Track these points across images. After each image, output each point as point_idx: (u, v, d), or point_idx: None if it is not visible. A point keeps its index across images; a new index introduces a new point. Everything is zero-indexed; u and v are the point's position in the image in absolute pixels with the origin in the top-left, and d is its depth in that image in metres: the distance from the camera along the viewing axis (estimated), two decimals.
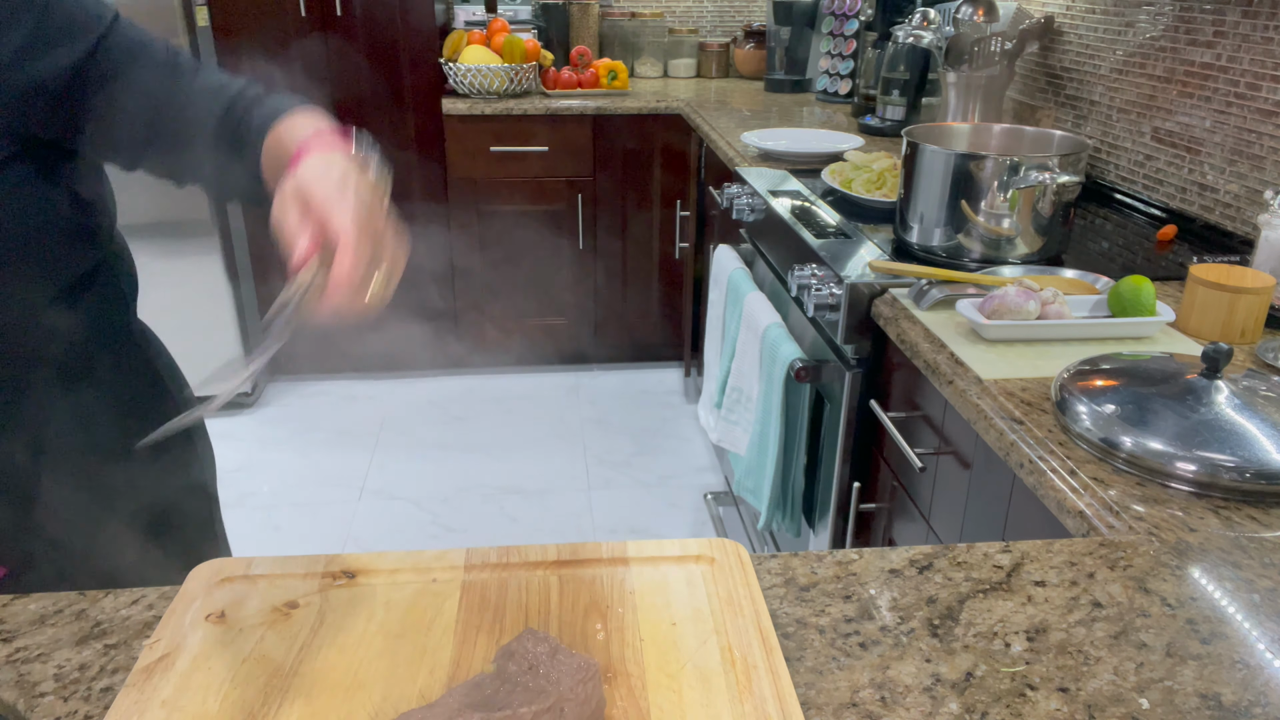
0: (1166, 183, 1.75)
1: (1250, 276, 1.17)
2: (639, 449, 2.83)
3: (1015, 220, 1.39)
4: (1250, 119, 1.54)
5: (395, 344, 3.17)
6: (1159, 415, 0.88)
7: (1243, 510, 0.82)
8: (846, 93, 2.94)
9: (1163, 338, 1.18)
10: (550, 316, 3.18)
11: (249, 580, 0.69)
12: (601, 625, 0.65)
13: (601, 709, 0.57)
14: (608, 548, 0.72)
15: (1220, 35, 1.60)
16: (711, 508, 2.42)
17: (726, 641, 0.63)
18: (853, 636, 0.65)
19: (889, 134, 2.45)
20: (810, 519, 1.67)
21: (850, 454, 1.48)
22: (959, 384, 1.06)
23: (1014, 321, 1.15)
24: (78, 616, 0.67)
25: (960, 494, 1.15)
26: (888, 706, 0.59)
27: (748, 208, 1.96)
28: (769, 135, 2.29)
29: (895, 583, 0.71)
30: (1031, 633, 0.66)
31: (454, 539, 2.41)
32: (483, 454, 2.79)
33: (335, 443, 2.84)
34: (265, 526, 2.45)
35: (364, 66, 2.80)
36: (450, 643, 0.63)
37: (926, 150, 1.44)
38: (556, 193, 3.00)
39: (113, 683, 0.61)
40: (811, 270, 1.47)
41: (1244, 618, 0.68)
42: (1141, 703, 0.60)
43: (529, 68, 2.90)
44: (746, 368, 1.79)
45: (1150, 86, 1.79)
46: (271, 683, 0.60)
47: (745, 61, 3.41)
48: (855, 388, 1.43)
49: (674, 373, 3.31)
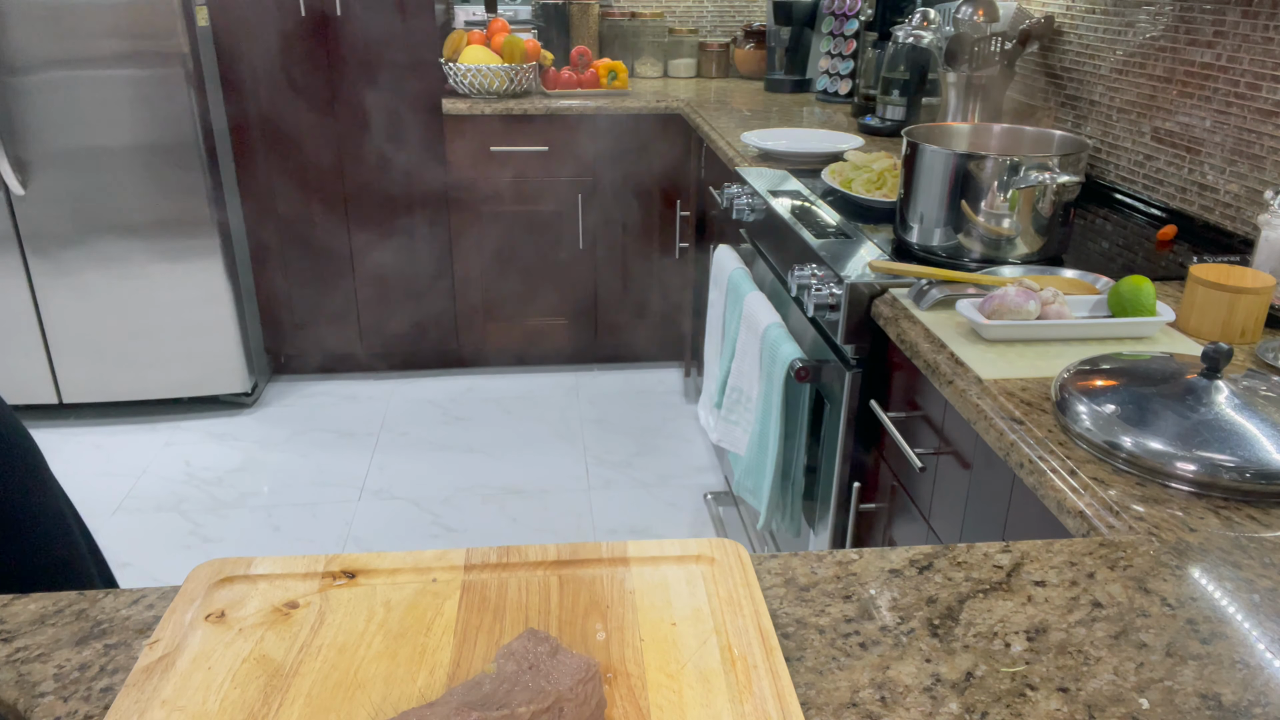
0: (1166, 183, 1.75)
1: (1250, 276, 1.17)
2: (639, 449, 2.83)
3: (1015, 220, 1.39)
4: (1250, 119, 1.54)
5: (395, 344, 3.17)
6: (1159, 415, 0.88)
7: (1243, 510, 0.82)
8: (846, 93, 2.94)
9: (1163, 338, 1.18)
10: (550, 316, 3.18)
11: (249, 580, 0.69)
12: (601, 625, 0.65)
13: (601, 709, 0.57)
14: (608, 548, 0.72)
15: (1220, 35, 1.60)
16: (711, 508, 2.42)
17: (726, 641, 0.63)
18: (853, 636, 0.65)
19: (889, 134, 2.46)
20: (810, 519, 1.67)
21: (850, 454, 1.48)
22: (959, 384, 1.06)
23: (1014, 321, 1.15)
24: (78, 616, 0.67)
25: (960, 494, 1.15)
26: (888, 706, 0.59)
27: (748, 208, 1.96)
28: (769, 135, 2.29)
29: (895, 583, 0.71)
30: (1031, 633, 0.66)
31: (454, 539, 2.41)
32: (483, 454, 2.79)
33: (335, 443, 2.84)
34: (265, 526, 2.45)
35: (364, 66, 2.80)
36: (450, 643, 0.63)
37: (926, 150, 1.44)
38: (556, 193, 3.00)
39: (113, 683, 0.61)
40: (811, 270, 1.47)
41: (1244, 618, 0.68)
42: (1141, 703, 0.60)
43: (529, 68, 2.90)
44: (746, 368, 1.79)
45: (1150, 86, 1.79)
46: (271, 683, 0.60)
47: (745, 61, 3.41)
48: (855, 388, 1.43)
49: (674, 373, 3.31)
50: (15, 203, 2.63)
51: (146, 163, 2.64)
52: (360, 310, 3.09)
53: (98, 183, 2.64)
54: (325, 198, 2.94)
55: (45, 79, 2.51)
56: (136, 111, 2.58)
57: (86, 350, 2.82)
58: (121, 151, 2.62)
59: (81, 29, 2.49)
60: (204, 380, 2.91)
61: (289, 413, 3.01)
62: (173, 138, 2.62)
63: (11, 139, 2.55)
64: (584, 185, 3.00)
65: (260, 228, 2.94)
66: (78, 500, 2.64)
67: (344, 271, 3.03)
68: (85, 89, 2.54)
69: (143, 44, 2.53)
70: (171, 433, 2.88)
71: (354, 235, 2.99)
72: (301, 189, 2.91)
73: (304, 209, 2.94)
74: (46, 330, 2.77)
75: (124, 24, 2.50)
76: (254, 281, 3.01)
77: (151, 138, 2.62)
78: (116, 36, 2.51)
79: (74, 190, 2.64)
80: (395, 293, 3.08)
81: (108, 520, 2.46)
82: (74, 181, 2.63)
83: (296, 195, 2.92)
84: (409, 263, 3.05)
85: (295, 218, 2.95)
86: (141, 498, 2.56)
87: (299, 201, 2.93)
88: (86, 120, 2.57)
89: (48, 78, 2.52)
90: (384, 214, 2.98)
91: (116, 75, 2.54)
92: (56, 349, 2.80)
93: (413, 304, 3.11)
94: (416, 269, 3.06)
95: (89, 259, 2.71)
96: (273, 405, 3.05)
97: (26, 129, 2.55)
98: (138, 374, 2.86)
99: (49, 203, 2.64)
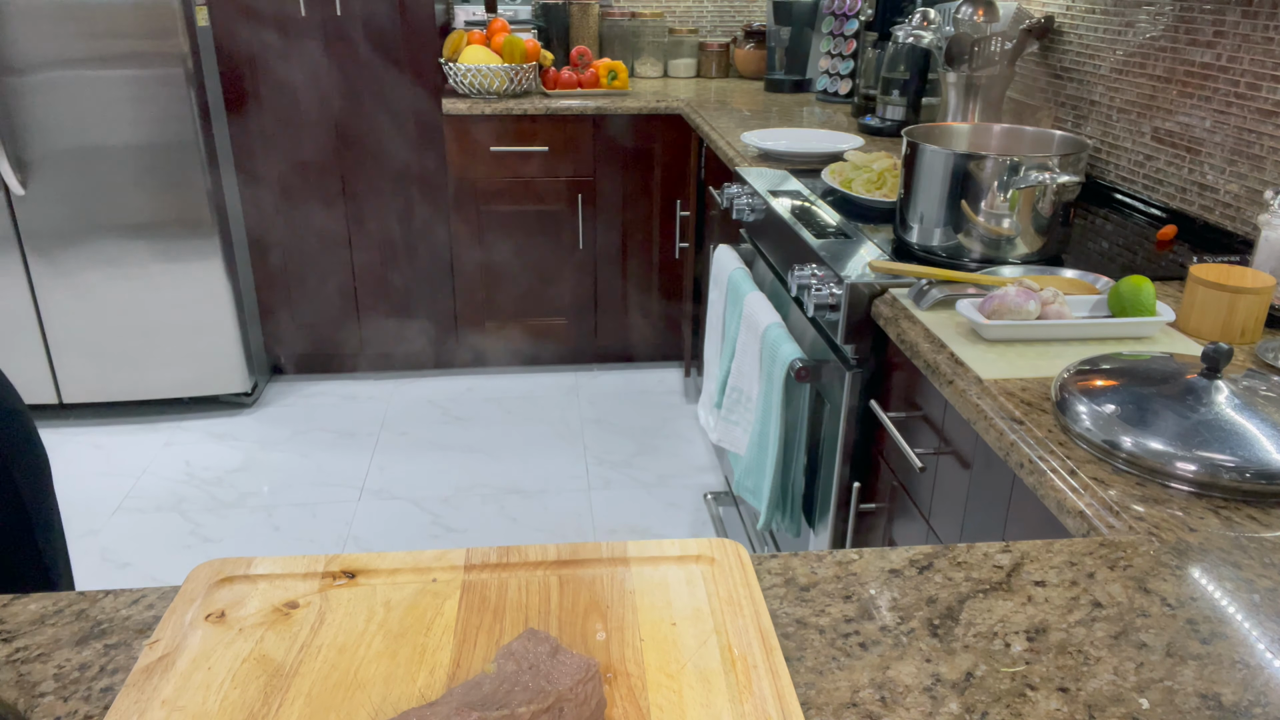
0: (1166, 183, 1.75)
1: (1250, 276, 1.17)
2: (639, 449, 2.83)
3: (1015, 220, 1.39)
4: (1250, 119, 1.54)
5: (395, 344, 3.17)
6: (1159, 415, 0.88)
7: (1243, 510, 0.82)
8: (846, 93, 2.94)
9: (1163, 338, 1.18)
10: (550, 316, 3.18)
11: (249, 580, 0.69)
12: (601, 625, 0.65)
13: (601, 709, 0.57)
14: (608, 548, 0.72)
15: (1220, 35, 1.60)
16: (711, 508, 2.42)
17: (726, 641, 0.63)
18: (853, 636, 0.65)
19: (889, 134, 2.46)
20: (810, 519, 1.67)
21: (850, 454, 1.48)
22: (959, 384, 1.06)
23: (1014, 321, 1.15)
24: (78, 616, 0.67)
25: (960, 494, 1.15)
26: (888, 706, 0.59)
27: (748, 208, 1.96)
28: (769, 135, 2.29)
29: (895, 583, 0.71)
30: (1031, 633, 0.66)
31: (454, 539, 2.41)
32: (483, 454, 2.79)
33: (335, 443, 2.84)
34: (265, 526, 2.45)
35: (364, 66, 2.80)
36: (450, 643, 0.63)
37: (926, 150, 1.44)
38: (556, 193, 3.00)
39: (113, 683, 0.61)
40: (811, 270, 1.47)
41: (1244, 618, 0.68)
42: (1141, 703, 0.60)
43: (529, 68, 2.90)
44: (746, 368, 1.79)
45: (1150, 86, 1.79)
46: (271, 683, 0.60)
47: (745, 61, 3.41)
48: (855, 388, 1.43)
49: (674, 373, 3.31)
50: (15, 203, 2.63)
51: (147, 163, 2.64)
52: (360, 310, 3.09)
53: (98, 183, 2.64)
54: (325, 197, 2.94)
55: (45, 79, 2.51)
56: (136, 111, 2.58)
57: (86, 350, 2.82)
58: (122, 151, 2.62)
59: (81, 29, 2.49)
60: (204, 380, 2.91)
61: (289, 413, 3.01)
62: (173, 137, 2.62)
63: (11, 139, 2.55)
64: (584, 185, 3.00)
65: (260, 228, 2.94)
66: (78, 500, 2.64)
67: (344, 271, 3.03)
68: (85, 89, 2.54)
69: (143, 44, 2.53)
70: (171, 433, 2.88)
71: (354, 235, 2.99)
72: (302, 189, 2.91)
73: (304, 209, 2.94)
74: (46, 330, 2.77)
75: (124, 24, 2.50)
76: (254, 281, 3.01)
77: (151, 138, 2.62)
78: (116, 36, 2.51)
79: (74, 190, 2.64)
80: (395, 292, 3.08)
81: (108, 520, 2.46)
82: (74, 181, 2.63)
83: (296, 195, 2.92)
84: (409, 262, 3.05)
85: (295, 217, 2.95)
86: (141, 498, 2.56)
87: (299, 201, 2.93)
88: (86, 120, 2.57)
89: (48, 78, 2.52)
90: (384, 214, 2.98)
91: (116, 75, 2.54)
92: (56, 349, 2.80)
93: (413, 304, 3.11)
94: (416, 269, 3.06)
95: (89, 259, 2.71)
96: (273, 405, 3.05)
97: (26, 129, 2.55)
98: (138, 374, 2.86)
99: (49, 203, 2.64)
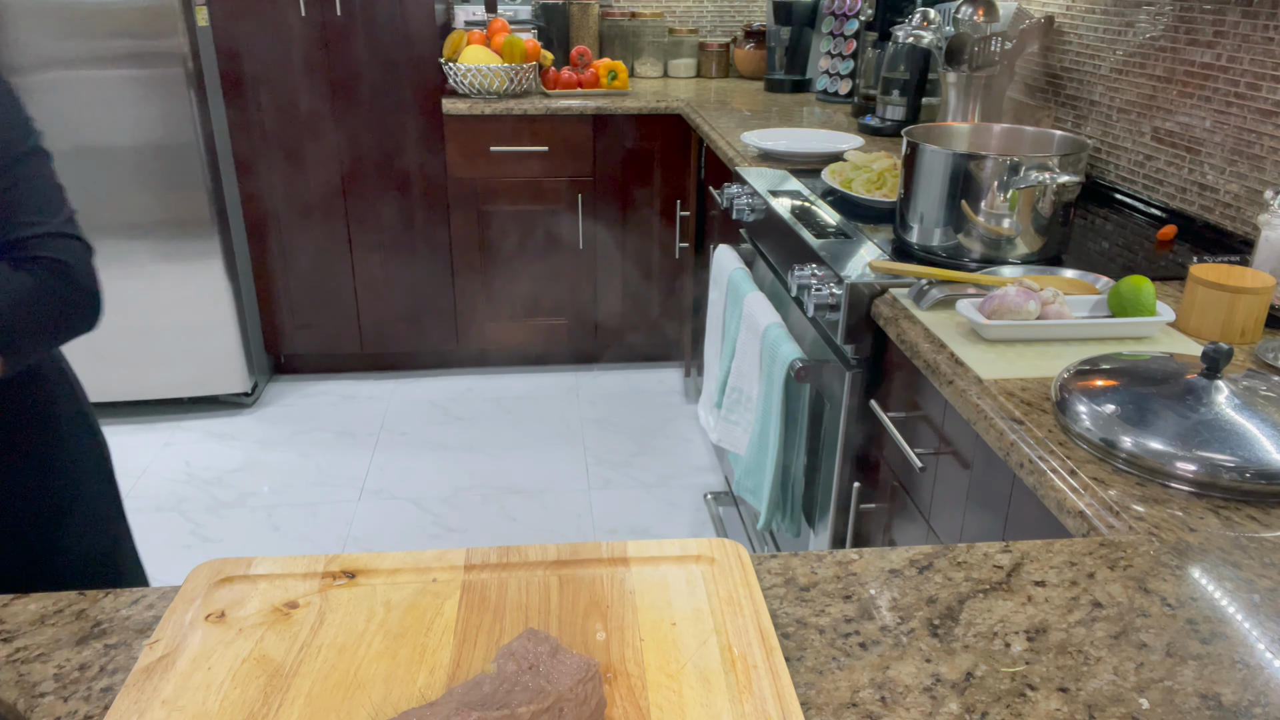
0: (1166, 183, 1.75)
1: (1250, 276, 1.17)
2: (639, 449, 2.83)
3: (1015, 220, 1.39)
4: (1250, 119, 1.54)
5: (395, 344, 3.17)
6: (1159, 415, 0.88)
7: (1243, 510, 0.82)
8: (846, 93, 2.94)
9: (1163, 338, 1.18)
10: (550, 316, 3.18)
11: (249, 580, 0.69)
12: (601, 625, 0.65)
13: (601, 709, 0.57)
14: (608, 548, 0.72)
15: (1220, 35, 1.60)
16: (711, 508, 2.42)
17: (726, 641, 0.63)
18: (853, 636, 0.65)
19: (889, 134, 2.45)
20: (810, 519, 1.67)
21: (850, 454, 1.48)
22: (959, 384, 1.06)
23: (1014, 321, 1.15)
24: (78, 616, 0.67)
25: (960, 494, 1.15)
26: (888, 706, 0.59)
27: (748, 208, 1.96)
28: (769, 135, 2.29)
29: (895, 583, 0.71)
30: (1031, 633, 0.66)
31: (454, 539, 2.41)
32: (483, 454, 2.79)
33: (335, 443, 2.84)
34: (265, 526, 2.45)
35: (364, 67, 2.80)
36: (450, 643, 0.63)
37: (926, 150, 1.44)
38: (556, 193, 3.00)
39: (113, 683, 0.61)
40: (811, 270, 1.47)
41: (1244, 618, 0.68)
42: (1141, 703, 0.60)
43: (529, 68, 2.90)
44: (746, 368, 1.79)
45: (1150, 86, 1.79)
46: (271, 683, 0.60)
47: (745, 61, 3.41)
48: (855, 388, 1.43)
49: (674, 373, 3.31)
50: None
51: (147, 163, 2.64)
52: (360, 310, 3.09)
53: (98, 183, 2.64)
54: (325, 197, 2.94)
55: (46, 79, 2.51)
56: (137, 111, 2.58)
57: (86, 350, 2.82)
58: (122, 151, 2.62)
59: (82, 29, 2.49)
60: (204, 380, 2.91)
61: (289, 413, 3.01)
62: (173, 138, 2.62)
63: None
64: (584, 185, 3.00)
65: (260, 228, 2.94)
66: None
67: (344, 271, 3.03)
68: (85, 89, 2.54)
69: (143, 44, 2.53)
70: (171, 433, 2.88)
71: (354, 235, 2.99)
72: (302, 189, 2.91)
73: (304, 209, 2.94)
74: None
75: (124, 24, 2.50)
76: (254, 281, 3.01)
77: (152, 138, 2.62)
78: (116, 36, 2.51)
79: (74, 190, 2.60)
80: (395, 292, 3.08)
81: None
82: (74, 181, 2.61)
83: (297, 195, 2.92)
84: (409, 262, 3.05)
85: (295, 218, 2.95)
86: (141, 498, 2.56)
87: (299, 201, 2.93)
88: (87, 120, 2.57)
89: (48, 78, 2.51)
90: (384, 213, 2.98)
91: (117, 75, 2.54)
92: None
93: (413, 304, 3.11)
94: (416, 269, 3.06)
95: None
96: (273, 405, 3.05)
97: None
98: (138, 374, 2.86)
99: None
